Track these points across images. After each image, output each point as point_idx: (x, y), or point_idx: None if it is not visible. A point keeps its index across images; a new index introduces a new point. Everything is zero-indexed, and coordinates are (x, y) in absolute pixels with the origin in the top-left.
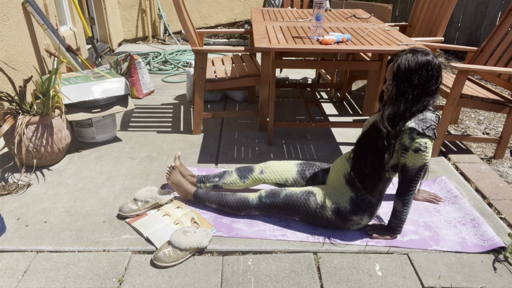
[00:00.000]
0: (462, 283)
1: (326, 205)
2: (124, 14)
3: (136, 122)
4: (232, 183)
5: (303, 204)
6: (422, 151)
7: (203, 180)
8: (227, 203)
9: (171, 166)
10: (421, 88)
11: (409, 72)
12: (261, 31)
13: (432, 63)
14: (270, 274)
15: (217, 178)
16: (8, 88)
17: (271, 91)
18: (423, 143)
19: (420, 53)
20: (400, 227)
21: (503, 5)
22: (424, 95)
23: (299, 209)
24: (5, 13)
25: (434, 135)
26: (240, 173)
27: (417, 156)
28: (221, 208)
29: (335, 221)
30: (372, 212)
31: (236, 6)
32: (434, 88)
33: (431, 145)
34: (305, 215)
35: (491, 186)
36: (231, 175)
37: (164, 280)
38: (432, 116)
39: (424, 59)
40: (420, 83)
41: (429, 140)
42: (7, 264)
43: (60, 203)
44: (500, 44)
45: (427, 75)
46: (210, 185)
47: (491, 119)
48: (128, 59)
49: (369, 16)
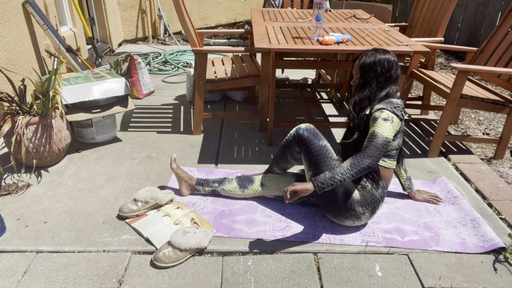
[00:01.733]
0: (462, 284)
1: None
2: (124, 15)
3: (136, 123)
4: (231, 191)
5: (328, 165)
6: (390, 122)
7: (202, 183)
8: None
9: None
10: (383, 77)
11: (373, 64)
12: (261, 31)
13: (390, 57)
14: (270, 274)
15: (216, 183)
16: (8, 89)
17: (271, 92)
18: (390, 116)
19: (380, 51)
20: (324, 183)
21: (503, 5)
22: (386, 83)
23: (320, 167)
24: (5, 14)
25: (401, 114)
26: (240, 182)
27: (386, 124)
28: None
29: (341, 202)
30: (374, 208)
31: (236, 7)
32: (394, 77)
33: (397, 123)
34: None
35: (491, 186)
36: (231, 182)
37: (164, 280)
38: (398, 101)
39: (383, 55)
40: (382, 72)
41: (396, 116)
42: (7, 265)
43: (60, 203)
44: (500, 45)
45: (388, 66)
46: (209, 190)
47: (491, 120)
48: (128, 60)
49: (369, 17)
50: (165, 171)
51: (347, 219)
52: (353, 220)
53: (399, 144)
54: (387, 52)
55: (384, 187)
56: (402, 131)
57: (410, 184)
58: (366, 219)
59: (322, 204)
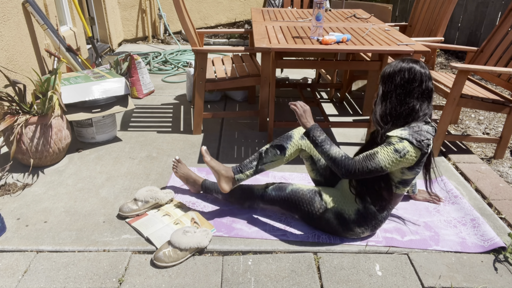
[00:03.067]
0: (462, 283)
1: (330, 207)
2: (124, 14)
3: (136, 122)
4: (273, 161)
5: (308, 201)
6: (400, 156)
7: (241, 169)
8: (233, 193)
9: (177, 160)
10: (402, 88)
11: (393, 73)
12: (261, 31)
13: (414, 68)
14: (270, 274)
15: (254, 162)
16: (8, 88)
17: (271, 91)
18: (406, 150)
19: (407, 60)
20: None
21: (503, 5)
22: (407, 96)
23: (302, 206)
24: (5, 13)
25: (426, 147)
26: (278, 147)
27: (393, 156)
28: (227, 197)
29: (335, 225)
30: (375, 226)
31: (236, 6)
32: (419, 92)
33: (412, 159)
34: (306, 214)
35: (491, 186)
36: (268, 152)
37: (164, 280)
38: (429, 129)
39: (409, 65)
40: (401, 84)
41: (415, 151)
42: (7, 264)
43: (60, 203)
44: (500, 44)
45: (408, 76)
46: (251, 172)
47: (491, 119)
48: (128, 59)
49: (369, 16)
50: (165, 170)
51: (347, 237)
52: (354, 237)
53: (416, 174)
54: (414, 62)
55: (391, 209)
56: (423, 162)
57: (414, 189)
58: (368, 234)
59: (322, 229)
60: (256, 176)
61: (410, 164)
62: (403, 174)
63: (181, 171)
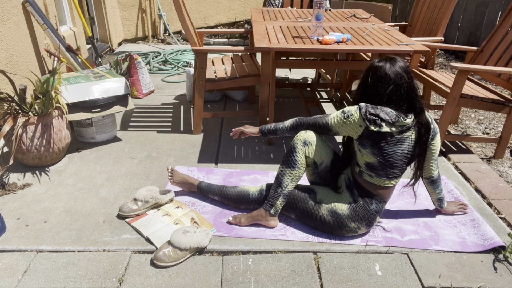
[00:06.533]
0: (462, 283)
1: (324, 204)
2: (124, 14)
3: (136, 122)
4: (292, 176)
5: (302, 200)
6: (345, 117)
7: (271, 203)
8: (228, 196)
9: (170, 170)
10: (373, 85)
11: (368, 69)
12: (261, 31)
13: (387, 70)
14: (270, 274)
15: (279, 188)
16: (8, 88)
17: (271, 91)
18: (352, 113)
19: (390, 59)
20: (269, 130)
21: (503, 5)
22: (373, 99)
23: (297, 205)
24: (5, 13)
25: (371, 123)
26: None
27: (339, 116)
28: (222, 200)
29: (330, 223)
30: (370, 221)
31: (236, 6)
32: (386, 97)
33: (355, 123)
34: (301, 213)
35: (491, 186)
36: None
37: (164, 280)
38: (389, 111)
39: (379, 64)
40: (373, 83)
41: (358, 117)
42: (7, 264)
43: (60, 203)
44: (500, 44)
45: (377, 77)
46: (281, 201)
47: (491, 119)
48: (128, 59)
49: (369, 16)
50: (165, 170)
51: (344, 234)
52: (350, 233)
53: (375, 157)
54: (392, 62)
55: (380, 201)
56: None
57: (440, 203)
58: (364, 231)
59: (317, 228)
60: (256, 176)
61: (355, 132)
62: (361, 153)
63: (176, 179)
